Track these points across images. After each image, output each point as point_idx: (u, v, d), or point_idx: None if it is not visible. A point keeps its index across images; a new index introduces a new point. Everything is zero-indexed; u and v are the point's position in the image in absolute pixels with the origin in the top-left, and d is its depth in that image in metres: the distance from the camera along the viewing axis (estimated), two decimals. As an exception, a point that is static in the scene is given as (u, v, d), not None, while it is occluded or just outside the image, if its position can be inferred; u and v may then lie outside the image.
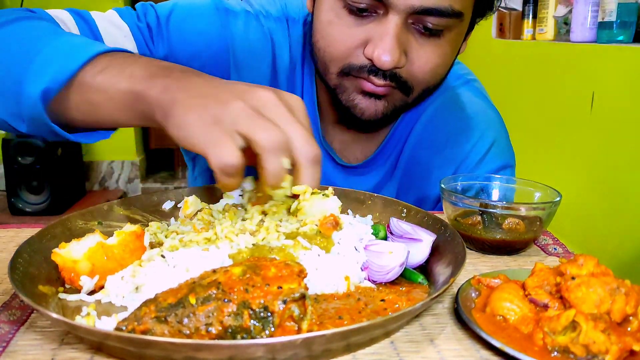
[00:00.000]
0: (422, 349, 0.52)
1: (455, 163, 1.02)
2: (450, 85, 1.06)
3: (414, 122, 1.05)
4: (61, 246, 0.60)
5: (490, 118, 1.06)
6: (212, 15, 0.98)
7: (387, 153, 1.06)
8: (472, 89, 1.09)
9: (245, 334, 0.48)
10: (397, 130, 1.05)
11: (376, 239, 0.69)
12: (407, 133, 1.05)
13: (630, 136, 1.55)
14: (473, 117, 1.04)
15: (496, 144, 1.03)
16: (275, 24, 1.01)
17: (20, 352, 0.50)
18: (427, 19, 0.82)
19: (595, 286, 0.51)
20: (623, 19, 1.61)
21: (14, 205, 2.71)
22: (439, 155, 1.03)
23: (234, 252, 0.61)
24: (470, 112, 1.05)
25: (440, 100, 1.04)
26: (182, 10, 0.97)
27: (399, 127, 1.05)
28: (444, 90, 1.04)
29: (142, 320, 0.48)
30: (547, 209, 0.74)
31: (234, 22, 0.99)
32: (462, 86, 1.08)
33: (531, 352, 0.49)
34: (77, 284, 0.60)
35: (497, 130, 1.06)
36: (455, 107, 1.05)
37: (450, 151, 1.03)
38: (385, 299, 0.58)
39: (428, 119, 1.04)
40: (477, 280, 0.60)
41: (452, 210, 0.77)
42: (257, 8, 1.02)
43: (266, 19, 1.01)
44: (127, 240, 0.61)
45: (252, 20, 1.00)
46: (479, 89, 1.11)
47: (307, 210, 0.69)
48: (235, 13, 0.99)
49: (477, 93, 1.09)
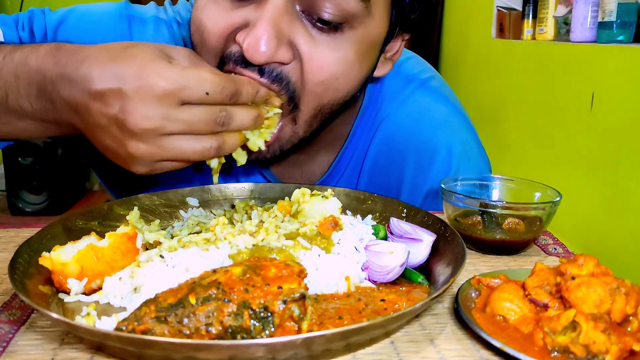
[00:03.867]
0: (422, 349, 0.52)
1: (424, 190, 0.92)
2: (403, 92, 0.93)
3: (366, 143, 0.92)
4: (54, 249, 0.60)
5: (454, 127, 0.93)
6: (113, 23, 0.90)
7: (336, 179, 0.94)
8: (428, 92, 0.94)
9: (245, 334, 0.48)
10: (345, 153, 0.92)
11: (376, 239, 0.69)
12: (359, 156, 0.92)
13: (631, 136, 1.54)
14: (433, 132, 0.91)
15: (466, 158, 0.92)
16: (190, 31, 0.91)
17: (20, 352, 0.50)
18: (319, 3, 0.67)
19: (595, 286, 0.51)
20: (623, 19, 1.61)
21: (14, 205, 2.71)
22: (401, 183, 0.92)
23: (234, 253, 0.61)
24: (429, 127, 0.92)
25: (394, 115, 0.92)
26: (77, 18, 0.90)
27: (347, 148, 0.92)
28: (394, 100, 0.92)
29: (142, 320, 0.48)
30: (547, 208, 0.74)
31: (140, 30, 0.91)
32: (417, 91, 0.94)
33: (531, 352, 0.49)
34: (66, 287, 0.59)
35: (464, 140, 0.93)
36: (411, 121, 0.92)
37: (413, 178, 0.92)
38: (385, 299, 0.58)
39: (382, 139, 0.92)
40: (477, 280, 0.60)
41: (452, 210, 0.77)
42: (171, 15, 0.94)
43: (180, 26, 0.94)
44: (118, 242, 0.61)
45: (162, 27, 0.93)
46: (437, 89, 0.96)
47: (307, 212, 0.69)
48: (142, 20, 0.92)
49: (435, 96, 0.95)
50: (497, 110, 2.47)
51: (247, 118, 0.65)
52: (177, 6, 0.99)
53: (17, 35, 0.88)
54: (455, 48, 3.08)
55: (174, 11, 0.96)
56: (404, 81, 0.94)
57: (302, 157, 0.91)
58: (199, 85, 0.60)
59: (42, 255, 0.59)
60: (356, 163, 0.94)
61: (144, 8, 0.96)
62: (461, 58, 2.97)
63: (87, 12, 0.92)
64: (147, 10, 0.95)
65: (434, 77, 0.99)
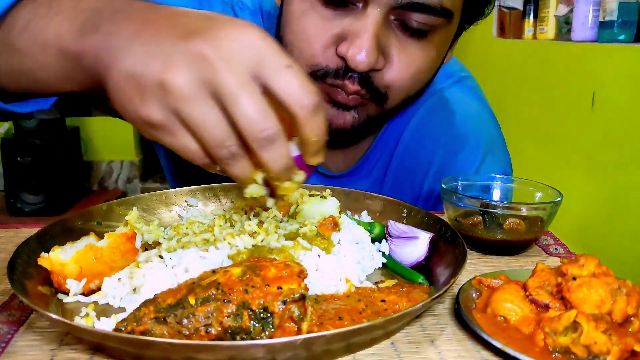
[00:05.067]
0: (422, 349, 0.51)
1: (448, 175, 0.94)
2: (440, 85, 1.00)
3: (401, 129, 0.98)
4: (53, 249, 0.59)
5: (484, 122, 1.01)
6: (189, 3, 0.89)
7: (373, 162, 0.99)
8: (464, 88, 1.02)
9: (245, 334, 0.47)
10: (382, 138, 0.98)
11: (370, 235, 0.70)
12: (394, 140, 0.98)
13: (631, 136, 1.54)
14: (465, 122, 0.98)
15: (491, 152, 0.98)
16: (250, 16, 0.95)
17: (19, 353, 0.50)
18: (411, 15, 0.74)
19: (596, 287, 0.51)
20: (624, 19, 1.61)
21: (13, 205, 2.71)
22: (430, 165, 0.97)
23: (233, 253, 0.60)
24: (463, 117, 0.99)
25: (430, 104, 0.98)
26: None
27: (384, 133, 0.98)
28: (433, 92, 0.98)
29: (142, 321, 0.47)
30: (548, 209, 0.74)
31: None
32: (453, 86, 1.01)
33: (532, 353, 0.48)
34: (65, 287, 0.59)
35: (492, 135, 1.00)
36: (445, 111, 0.99)
37: (442, 161, 0.97)
38: (385, 299, 0.58)
39: (417, 125, 0.98)
40: (478, 280, 0.60)
41: (453, 211, 0.77)
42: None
43: (242, 10, 0.95)
44: (117, 243, 0.61)
45: (227, 10, 0.94)
46: (472, 88, 1.04)
47: (306, 213, 0.69)
48: (210, 2, 0.93)
49: (470, 93, 1.03)
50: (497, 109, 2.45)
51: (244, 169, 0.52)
52: None
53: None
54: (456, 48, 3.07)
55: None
56: (444, 76, 1.01)
57: None
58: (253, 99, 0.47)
59: (41, 256, 0.59)
60: (392, 147, 0.99)
61: None
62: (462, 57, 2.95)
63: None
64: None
65: (470, 77, 1.07)
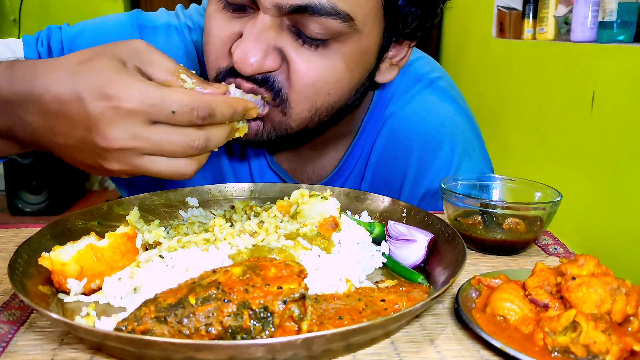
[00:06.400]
0: (422, 349, 0.52)
1: (425, 185, 0.94)
2: (410, 90, 0.96)
3: (373, 138, 0.95)
4: (54, 249, 0.59)
5: (457, 126, 0.95)
6: (125, 33, 0.91)
7: (346, 173, 0.97)
8: (436, 91, 0.97)
9: (245, 334, 0.48)
10: (355, 148, 0.95)
11: (370, 235, 0.70)
12: (367, 150, 0.96)
13: (631, 136, 1.54)
14: (437, 128, 0.94)
15: (468, 156, 0.94)
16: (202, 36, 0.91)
17: (20, 352, 0.50)
18: (304, 21, 0.70)
19: (595, 286, 0.51)
20: (623, 19, 1.61)
21: (14, 205, 2.71)
22: (405, 175, 0.95)
23: (234, 253, 0.60)
24: (435, 123, 0.94)
25: (401, 111, 0.94)
26: (91, 31, 0.92)
27: (357, 144, 0.95)
28: (402, 98, 0.94)
29: (142, 321, 0.48)
30: (548, 208, 0.74)
31: (152, 38, 0.92)
32: (424, 89, 0.96)
33: (531, 353, 0.49)
34: (65, 287, 0.59)
35: (467, 139, 0.96)
36: (417, 117, 0.94)
37: (416, 171, 0.94)
38: (385, 299, 0.58)
39: (389, 133, 0.94)
40: (478, 280, 0.60)
41: (453, 210, 0.77)
42: (182, 21, 0.96)
43: (192, 31, 0.95)
44: (118, 242, 0.61)
45: (173, 34, 0.94)
46: (445, 89, 0.98)
47: (306, 213, 0.69)
48: (154, 28, 0.93)
49: (443, 95, 0.97)
50: (497, 110, 2.47)
51: (222, 137, 0.61)
52: (190, 10, 0.99)
53: (37, 52, 0.90)
54: (456, 48, 3.08)
55: (186, 16, 0.97)
56: (413, 80, 0.96)
57: (312, 153, 0.95)
58: (164, 104, 0.56)
59: (41, 255, 0.59)
60: (364, 158, 0.97)
61: (155, 15, 0.96)
62: (461, 58, 2.97)
63: (101, 24, 0.94)
64: (158, 18, 0.96)
65: (443, 77, 1.01)
